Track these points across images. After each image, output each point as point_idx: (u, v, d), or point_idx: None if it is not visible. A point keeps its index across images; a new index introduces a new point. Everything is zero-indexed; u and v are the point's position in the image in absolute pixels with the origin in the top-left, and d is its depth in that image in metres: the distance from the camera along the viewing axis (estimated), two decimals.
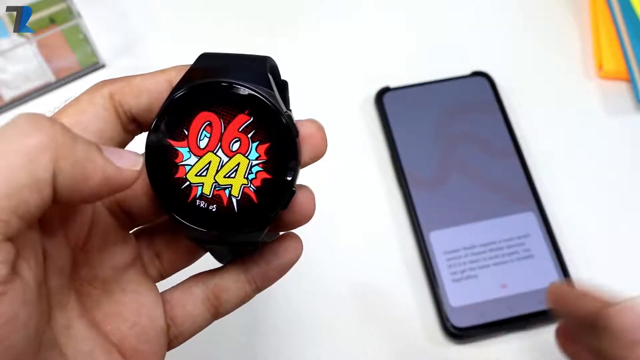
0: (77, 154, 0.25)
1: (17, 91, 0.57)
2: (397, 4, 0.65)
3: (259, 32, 0.62)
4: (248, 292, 0.34)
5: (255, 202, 0.30)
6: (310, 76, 0.60)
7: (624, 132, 0.59)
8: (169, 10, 0.63)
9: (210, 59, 0.31)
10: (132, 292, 0.32)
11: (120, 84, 0.31)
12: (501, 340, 0.50)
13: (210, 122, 0.30)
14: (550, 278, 0.51)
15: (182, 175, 0.30)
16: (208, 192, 0.30)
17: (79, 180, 0.25)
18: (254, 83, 0.30)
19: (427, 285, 0.51)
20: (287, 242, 0.34)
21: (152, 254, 0.34)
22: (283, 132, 0.30)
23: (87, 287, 0.31)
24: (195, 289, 0.33)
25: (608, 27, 0.61)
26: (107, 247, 0.31)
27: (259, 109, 0.30)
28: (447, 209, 0.53)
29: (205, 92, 0.30)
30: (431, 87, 0.59)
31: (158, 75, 0.31)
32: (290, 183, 0.30)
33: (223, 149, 0.30)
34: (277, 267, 0.33)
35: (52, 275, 0.28)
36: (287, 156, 0.30)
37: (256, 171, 0.30)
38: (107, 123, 0.30)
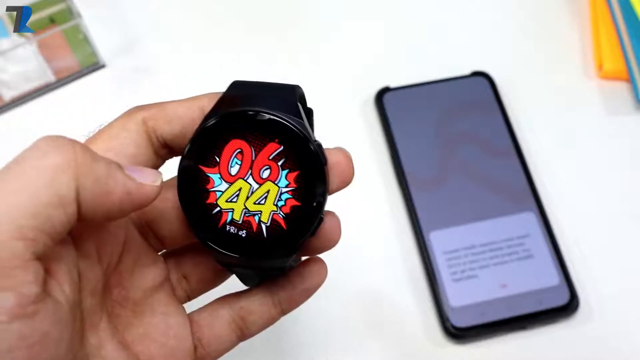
0: (98, 171, 0.26)
1: (17, 91, 0.57)
2: (397, 4, 0.65)
3: (259, 33, 0.62)
4: (274, 315, 0.34)
5: (285, 228, 0.30)
6: (311, 76, 0.60)
7: (624, 132, 0.59)
8: (169, 10, 0.63)
9: (241, 88, 0.32)
10: (161, 313, 0.32)
11: (153, 111, 0.32)
12: (501, 340, 0.50)
13: (242, 149, 0.30)
14: (550, 278, 0.51)
15: (213, 201, 0.30)
16: (238, 218, 0.30)
17: (101, 196, 0.26)
18: (284, 112, 0.31)
19: (427, 285, 0.51)
20: (313, 266, 0.34)
21: (180, 275, 0.34)
22: (312, 161, 0.30)
23: (118, 308, 0.31)
24: (222, 311, 0.34)
25: (608, 27, 0.61)
26: (138, 268, 0.32)
27: (289, 138, 0.30)
28: (447, 209, 0.53)
29: (237, 120, 0.31)
30: (431, 87, 0.59)
31: (190, 102, 0.32)
32: (318, 210, 0.30)
33: (253, 176, 0.30)
34: (303, 291, 0.34)
35: (86, 296, 0.29)
36: (316, 184, 0.30)
37: (285, 198, 0.30)
38: (139, 148, 0.31)
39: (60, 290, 0.26)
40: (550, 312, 0.50)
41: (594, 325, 0.50)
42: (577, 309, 0.50)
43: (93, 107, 0.58)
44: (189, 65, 0.60)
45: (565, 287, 0.51)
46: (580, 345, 0.50)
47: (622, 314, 0.51)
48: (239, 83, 0.32)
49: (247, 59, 0.61)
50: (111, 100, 0.58)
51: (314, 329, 0.50)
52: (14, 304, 0.23)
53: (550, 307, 0.50)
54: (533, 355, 0.49)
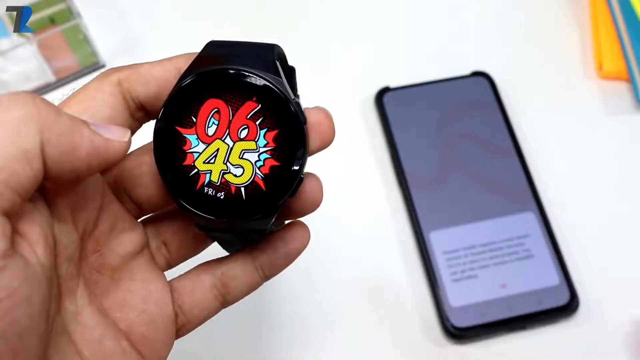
0: (62, 125, 0.26)
1: None
2: (397, 4, 0.65)
3: (259, 33, 0.62)
4: (256, 279, 0.34)
5: (264, 189, 0.30)
6: (311, 76, 0.60)
7: (624, 132, 0.59)
8: (169, 10, 0.63)
9: (218, 47, 0.31)
10: (140, 280, 0.32)
11: (128, 72, 0.31)
12: (501, 340, 0.50)
13: (219, 109, 0.30)
14: (550, 278, 0.51)
15: (190, 163, 0.30)
16: (216, 180, 0.30)
17: (67, 151, 0.26)
18: (262, 70, 0.30)
19: (427, 285, 0.51)
20: (295, 230, 0.34)
21: (159, 242, 0.34)
22: (291, 120, 0.30)
23: (95, 275, 0.31)
24: (203, 277, 0.33)
25: (608, 27, 0.61)
26: (115, 234, 0.31)
27: (267, 96, 0.30)
28: (447, 209, 0.54)
29: (213, 79, 0.30)
30: (431, 87, 0.59)
31: (166, 62, 0.31)
32: (298, 171, 0.30)
33: (231, 135, 0.30)
34: (284, 255, 0.34)
35: (62, 261, 0.28)
36: (295, 143, 0.30)
37: (264, 158, 0.30)
38: (115, 110, 0.31)
39: (31, 251, 0.25)
40: (550, 312, 0.50)
41: (593, 326, 0.50)
42: (577, 309, 0.50)
43: None
44: None
45: (565, 287, 0.51)
46: (580, 345, 0.50)
47: (622, 314, 0.51)
48: (215, 42, 0.32)
49: None
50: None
51: (313, 329, 0.50)
52: None
53: (550, 307, 0.50)
54: (533, 355, 0.49)
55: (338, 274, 0.52)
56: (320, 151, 0.31)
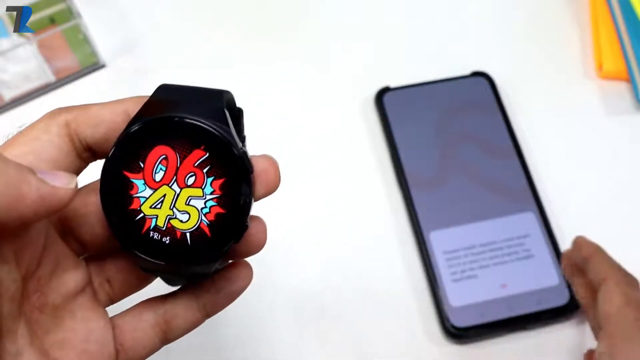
0: (9, 175, 0.25)
1: (17, 91, 0.57)
2: (398, 4, 0.65)
3: (259, 33, 0.63)
4: (198, 318, 0.34)
5: (209, 235, 0.30)
6: (311, 76, 0.60)
7: (624, 132, 0.59)
8: (169, 10, 0.63)
9: (168, 92, 0.31)
10: (81, 318, 0.32)
11: (76, 113, 0.31)
12: (501, 340, 0.50)
13: (166, 155, 0.30)
14: (550, 278, 0.51)
15: (136, 207, 0.30)
16: (162, 225, 0.30)
17: (13, 200, 0.25)
18: (210, 118, 0.30)
19: (427, 285, 0.51)
20: (239, 270, 0.34)
21: (102, 279, 0.33)
22: (238, 169, 0.30)
23: (37, 314, 0.30)
24: (146, 315, 0.33)
25: (608, 27, 0.61)
26: (58, 273, 0.31)
27: (215, 145, 0.30)
28: (447, 209, 0.54)
29: (162, 126, 0.30)
30: (431, 87, 0.59)
31: (115, 105, 0.31)
32: (243, 218, 0.30)
33: (178, 182, 0.30)
34: (228, 294, 0.34)
35: (3, 302, 0.28)
36: (241, 192, 0.30)
37: (210, 206, 0.30)
38: (61, 152, 0.30)
39: None
40: (550, 312, 0.50)
41: None
42: (577, 309, 0.50)
43: None
44: (188, 66, 0.60)
45: (565, 288, 0.51)
46: (580, 345, 0.50)
47: None
48: (166, 87, 0.32)
49: (247, 59, 0.61)
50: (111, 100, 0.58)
51: (312, 329, 0.50)
52: None
53: (550, 307, 0.50)
54: (533, 356, 0.49)
55: (337, 273, 0.52)
56: (265, 197, 0.32)
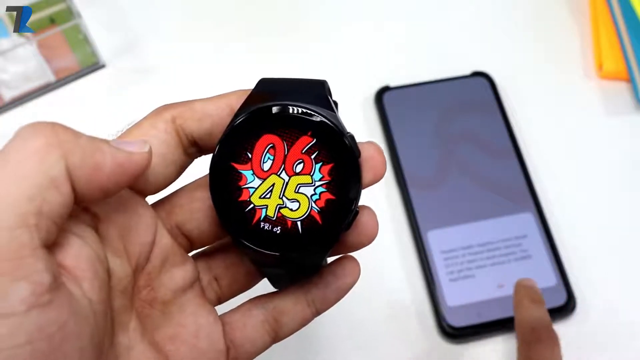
0: (83, 147, 0.26)
1: (17, 91, 0.57)
2: (398, 3, 0.65)
3: (259, 33, 0.63)
4: (307, 315, 0.34)
5: (320, 223, 0.30)
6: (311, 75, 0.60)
7: (624, 132, 0.59)
8: (169, 10, 0.63)
9: (269, 84, 0.32)
10: (191, 314, 0.32)
11: (181, 109, 0.31)
12: (497, 340, 0.50)
13: (274, 144, 0.30)
14: (548, 279, 0.51)
15: (246, 198, 0.30)
16: (272, 215, 0.30)
17: (92, 170, 0.26)
18: (316, 105, 0.30)
19: (424, 285, 0.51)
20: (346, 265, 0.34)
21: (210, 277, 0.34)
22: (346, 153, 0.30)
23: (147, 309, 0.31)
24: (255, 311, 0.33)
25: (608, 27, 0.61)
26: (167, 269, 0.31)
27: (322, 131, 0.30)
28: (445, 209, 0.54)
29: (268, 115, 0.30)
30: (431, 86, 0.59)
31: (219, 100, 0.32)
32: (353, 203, 0.30)
33: (287, 170, 0.30)
34: (336, 290, 0.34)
35: (116, 294, 0.29)
36: (350, 177, 0.30)
37: (320, 192, 0.30)
38: (168, 147, 0.31)
39: (77, 286, 0.26)
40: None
41: (590, 326, 0.50)
42: (574, 310, 0.50)
43: (93, 107, 0.58)
44: (189, 65, 0.61)
45: (562, 288, 0.50)
46: (577, 346, 0.49)
47: (619, 314, 0.51)
48: (266, 80, 0.32)
49: (247, 59, 0.61)
50: (111, 100, 0.58)
51: (309, 329, 0.50)
52: (29, 293, 0.23)
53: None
54: None
55: None
56: (372, 185, 0.31)
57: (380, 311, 0.51)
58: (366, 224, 0.31)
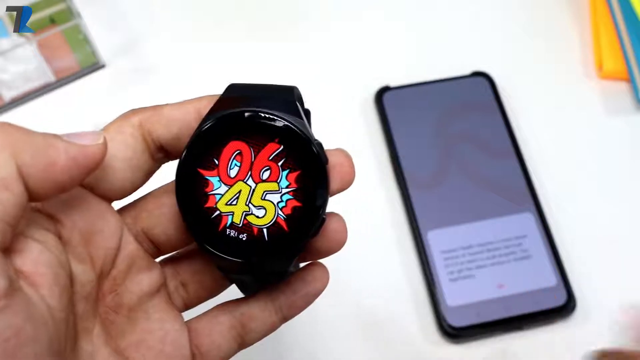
0: (35, 144, 0.26)
1: (17, 91, 0.57)
2: (398, 3, 0.65)
3: (259, 32, 0.63)
4: (275, 321, 0.33)
5: (286, 230, 0.30)
6: (310, 75, 0.60)
7: (624, 132, 0.59)
8: (169, 10, 0.63)
9: (238, 89, 0.32)
10: (157, 320, 0.32)
11: (149, 113, 0.31)
12: (497, 340, 0.50)
13: (241, 151, 0.30)
14: (548, 279, 0.51)
15: (212, 205, 0.30)
16: (238, 221, 0.30)
17: (45, 167, 0.26)
18: (283, 112, 0.30)
19: (424, 285, 0.51)
20: (315, 271, 0.34)
21: (177, 283, 0.33)
22: (313, 160, 0.30)
23: (112, 315, 0.31)
24: (222, 318, 0.33)
25: (608, 27, 0.61)
26: (132, 274, 0.31)
27: (289, 138, 0.30)
28: (445, 209, 0.53)
29: (235, 121, 0.30)
30: (431, 86, 0.59)
31: (187, 104, 0.31)
32: (320, 210, 0.30)
33: (253, 177, 0.30)
34: (304, 296, 0.33)
35: (79, 300, 0.28)
36: (317, 184, 0.30)
37: (286, 199, 0.30)
38: (135, 152, 0.31)
39: (34, 291, 0.25)
40: (547, 312, 0.50)
41: (590, 327, 0.50)
42: (574, 310, 0.50)
43: (93, 107, 0.58)
44: (189, 65, 0.60)
45: (562, 288, 0.50)
46: (577, 346, 0.49)
47: (619, 315, 0.51)
48: (235, 85, 0.32)
49: (247, 59, 0.61)
50: (111, 100, 0.58)
51: (309, 329, 0.50)
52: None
53: (547, 307, 0.50)
54: (530, 356, 0.49)
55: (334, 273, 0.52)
56: (340, 192, 0.32)
57: (380, 311, 0.51)
58: (334, 231, 0.31)
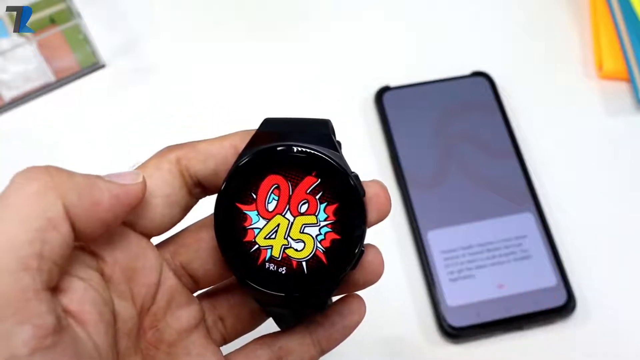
0: (78, 185, 0.26)
1: (17, 91, 0.57)
2: (398, 3, 0.65)
3: (259, 32, 0.63)
4: (313, 354, 0.34)
5: (325, 263, 0.30)
6: (310, 75, 0.60)
7: (624, 132, 0.59)
8: (169, 10, 0.63)
9: (273, 124, 0.32)
10: (196, 355, 0.32)
11: (186, 150, 0.31)
12: (498, 340, 0.50)
13: (278, 184, 0.30)
14: (548, 279, 0.51)
15: (251, 239, 0.30)
16: (277, 255, 0.30)
17: (90, 207, 0.26)
18: (319, 144, 0.30)
19: (424, 285, 0.51)
20: (351, 303, 0.34)
21: (215, 317, 0.34)
22: (351, 193, 0.30)
23: (152, 350, 0.31)
24: (260, 352, 0.33)
25: (608, 27, 0.61)
26: (172, 309, 0.32)
27: (326, 171, 0.30)
28: (445, 209, 0.53)
29: (272, 155, 0.30)
30: (431, 86, 0.59)
31: (223, 140, 0.32)
32: (358, 243, 0.30)
33: (291, 210, 0.30)
34: (342, 329, 0.34)
35: (121, 336, 0.29)
36: (355, 216, 0.30)
37: (325, 232, 0.30)
38: (173, 188, 0.31)
39: (82, 330, 0.26)
40: (547, 313, 0.50)
41: (591, 327, 0.50)
42: (574, 310, 0.50)
43: (93, 107, 0.58)
44: (189, 65, 0.60)
45: (562, 288, 0.50)
46: (577, 346, 0.50)
47: (619, 315, 0.51)
48: (271, 120, 0.32)
49: (247, 59, 0.61)
50: (111, 100, 0.58)
51: None
52: (32, 336, 0.23)
53: (547, 308, 0.50)
54: (529, 356, 0.49)
55: None
56: (377, 223, 0.32)
57: (380, 311, 0.51)
58: (372, 263, 0.31)
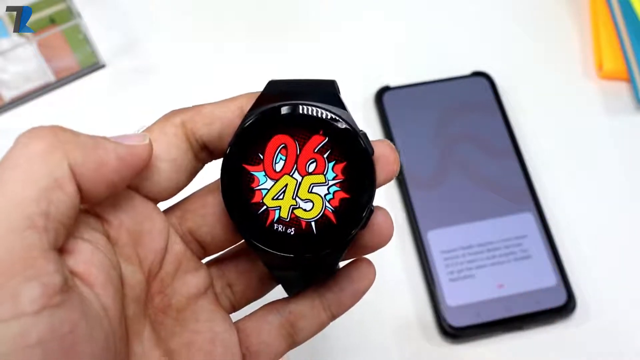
0: (84, 145, 0.26)
1: (17, 91, 0.57)
2: (398, 3, 0.65)
3: (259, 33, 0.63)
4: (323, 319, 0.33)
5: (334, 222, 0.29)
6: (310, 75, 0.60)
7: (624, 132, 0.59)
8: (169, 10, 0.63)
9: (279, 85, 0.31)
10: (205, 321, 0.32)
11: (191, 113, 0.31)
12: (497, 340, 0.50)
13: (285, 144, 0.30)
14: (548, 279, 0.51)
15: (258, 200, 0.30)
16: (286, 216, 0.29)
17: (95, 167, 0.26)
18: (326, 103, 0.30)
19: (424, 285, 0.51)
20: (361, 267, 0.33)
21: (224, 284, 0.33)
22: (359, 151, 0.30)
23: (160, 316, 0.31)
24: (270, 317, 0.33)
25: (608, 27, 0.61)
26: (180, 275, 0.31)
27: (334, 129, 0.30)
28: (445, 209, 0.53)
29: (278, 115, 0.30)
30: (431, 86, 0.59)
31: (228, 103, 0.31)
32: (368, 202, 0.29)
33: (299, 170, 0.30)
34: (351, 293, 0.33)
35: (129, 303, 0.29)
36: (364, 175, 0.30)
37: (333, 191, 0.29)
38: (179, 151, 0.31)
39: (90, 291, 0.26)
40: (547, 312, 0.50)
41: (590, 327, 0.50)
42: (574, 310, 0.50)
43: (93, 107, 0.58)
44: (189, 65, 0.60)
45: (562, 288, 0.50)
46: (577, 346, 0.50)
47: (619, 315, 0.51)
48: (275, 81, 0.32)
49: (247, 59, 0.61)
50: (111, 100, 0.58)
51: None
52: (40, 294, 0.23)
53: (547, 307, 0.50)
54: (529, 356, 0.49)
55: None
56: (385, 184, 0.31)
57: (380, 311, 0.51)
58: (381, 224, 0.31)
